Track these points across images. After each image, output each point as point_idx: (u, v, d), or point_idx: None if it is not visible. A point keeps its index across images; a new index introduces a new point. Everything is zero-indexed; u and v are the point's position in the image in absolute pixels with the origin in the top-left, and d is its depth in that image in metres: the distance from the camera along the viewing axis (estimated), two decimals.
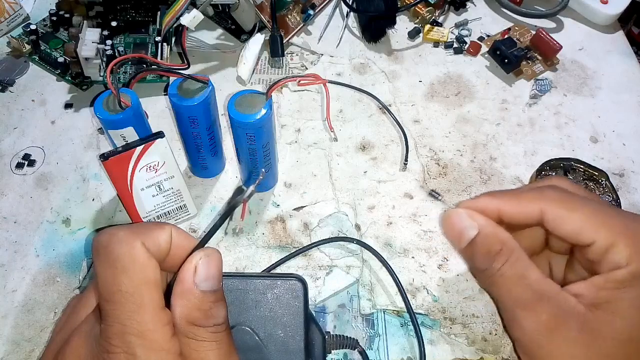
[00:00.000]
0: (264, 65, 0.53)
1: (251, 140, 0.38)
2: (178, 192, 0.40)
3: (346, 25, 0.57)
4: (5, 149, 0.47)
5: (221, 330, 0.25)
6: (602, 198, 0.42)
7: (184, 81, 0.38)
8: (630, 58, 0.54)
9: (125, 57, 0.44)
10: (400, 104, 0.50)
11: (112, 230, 0.25)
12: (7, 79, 0.52)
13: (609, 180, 0.43)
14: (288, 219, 0.43)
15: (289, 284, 0.34)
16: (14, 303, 0.39)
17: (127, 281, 0.23)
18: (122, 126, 0.37)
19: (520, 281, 0.29)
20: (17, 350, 0.37)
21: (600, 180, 0.43)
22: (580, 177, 0.43)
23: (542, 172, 0.44)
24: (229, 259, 0.41)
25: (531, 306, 0.29)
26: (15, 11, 0.55)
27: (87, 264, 0.41)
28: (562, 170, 0.44)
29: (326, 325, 0.38)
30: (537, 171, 0.44)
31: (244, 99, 0.37)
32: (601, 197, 0.42)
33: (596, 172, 0.43)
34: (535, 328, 0.29)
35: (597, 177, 0.43)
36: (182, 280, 0.24)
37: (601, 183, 0.43)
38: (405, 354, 0.37)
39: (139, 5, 0.54)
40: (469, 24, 0.56)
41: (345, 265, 0.41)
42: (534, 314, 0.29)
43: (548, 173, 0.44)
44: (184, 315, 0.24)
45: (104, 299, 0.24)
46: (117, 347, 0.23)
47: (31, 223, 0.43)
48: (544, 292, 0.29)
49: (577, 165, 0.44)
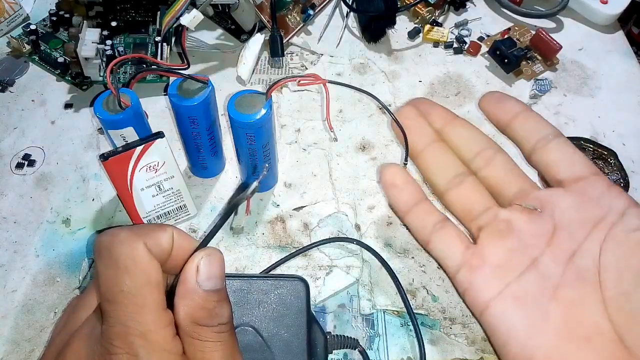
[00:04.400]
0: (264, 65, 0.53)
1: (251, 140, 0.38)
2: (178, 192, 0.40)
3: (346, 25, 0.57)
4: (5, 149, 0.47)
5: (226, 330, 0.25)
6: (610, 177, 0.44)
7: (184, 81, 0.38)
8: (630, 58, 0.54)
9: (125, 57, 0.44)
10: (400, 104, 0.50)
11: (114, 231, 0.25)
12: (7, 79, 0.52)
13: (617, 159, 0.44)
14: (288, 219, 0.43)
15: (291, 285, 0.34)
16: (13, 303, 0.39)
17: (129, 282, 0.23)
18: (122, 126, 0.37)
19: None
20: (17, 350, 0.37)
21: (609, 159, 0.44)
22: (590, 155, 0.45)
23: None
24: (229, 259, 0.41)
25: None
26: (15, 11, 0.55)
27: (87, 264, 0.41)
28: None
29: (326, 325, 0.38)
30: None
31: (244, 99, 0.37)
32: (609, 175, 0.44)
33: (605, 151, 0.45)
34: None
35: (606, 156, 0.45)
36: (185, 280, 0.24)
37: (610, 162, 0.44)
38: (405, 354, 0.37)
39: (139, 5, 0.54)
40: (469, 24, 0.56)
41: (345, 265, 0.41)
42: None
43: None
44: (188, 315, 0.24)
45: (105, 299, 0.24)
46: (119, 348, 0.23)
47: (31, 223, 0.43)
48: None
49: (586, 144, 0.45)
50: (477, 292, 0.33)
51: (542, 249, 0.32)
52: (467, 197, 0.36)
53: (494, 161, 0.36)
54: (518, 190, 0.34)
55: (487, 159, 0.36)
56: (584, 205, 0.32)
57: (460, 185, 0.36)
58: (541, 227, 0.33)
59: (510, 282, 0.32)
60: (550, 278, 0.31)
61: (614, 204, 0.31)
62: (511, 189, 0.35)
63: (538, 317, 0.30)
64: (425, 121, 0.38)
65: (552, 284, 0.31)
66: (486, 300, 0.32)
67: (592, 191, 0.32)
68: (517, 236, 0.33)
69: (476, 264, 0.33)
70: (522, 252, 0.32)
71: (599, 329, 0.29)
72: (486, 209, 0.35)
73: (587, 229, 0.31)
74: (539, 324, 0.30)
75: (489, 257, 0.33)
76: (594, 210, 0.31)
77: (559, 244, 0.32)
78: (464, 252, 0.34)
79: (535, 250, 0.32)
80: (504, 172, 0.35)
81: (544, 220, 0.33)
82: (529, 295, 0.31)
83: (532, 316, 0.31)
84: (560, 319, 0.30)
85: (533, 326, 0.30)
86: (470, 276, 0.33)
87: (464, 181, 0.36)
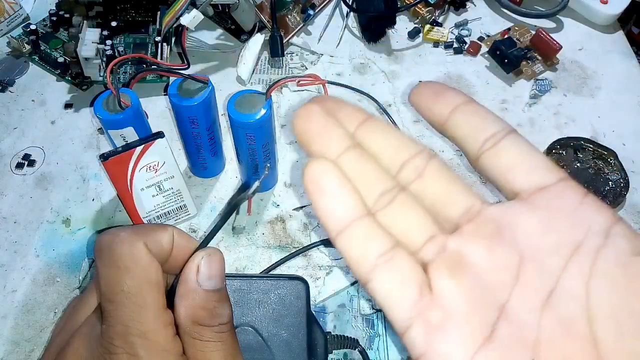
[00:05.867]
0: (264, 65, 0.53)
1: (251, 141, 0.38)
2: (178, 192, 0.40)
3: (346, 25, 0.57)
4: (5, 149, 0.47)
5: (226, 329, 0.25)
6: (610, 177, 0.43)
7: (184, 81, 0.38)
8: (630, 58, 0.54)
9: (125, 57, 0.44)
10: (400, 104, 0.50)
11: (114, 231, 0.25)
12: (7, 79, 0.52)
13: (617, 159, 0.44)
14: (288, 219, 0.43)
15: (291, 285, 0.34)
16: (14, 303, 0.39)
17: (130, 281, 0.23)
18: (122, 126, 0.37)
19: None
20: (17, 350, 0.37)
21: (609, 159, 0.44)
22: (590, 155, 0.45)
23: (552, 151, 0.45)
24: (229, 259, 0.41)
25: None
26: (15, 11, 0.55)
27: (87, 264, 0.41)
28: (572, 149, 0.45)
29: (326, 325, 0.38)
30: (548, 149, 0.45)
31: (244, 99, 0.37)
32: (609, 175, 0.44)
33: (605, 151, 0.45)
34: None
35: (606, 156, 0.45)
36: (185, 280, 0.24)
37: (610, 162, 0.44)
38: (405, 354, 0.37)
39: (139, 5, 0.54)
40: (469, 24, 0.56)
41: (345, 265, 0.41)
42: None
43: (559, 152, 0.45)
44: (189, 315, 0.24)
45: (106, 299, 0.24)
46: (119, 347, 0.23)
47: (31, 223, 0.43)
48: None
49: (586, 144, 0.45)
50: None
51: (509, 289, 0.23)
52: (402, 222, 0.25)
53: (428, 171, 0.26)
54: (465, 209, 0.25)
55: (417, 168, 0.26)
56: (554, 225, 0.24)
57: (390, 205, 0.25)
58: (503, 258, 0.24)
59: (481, 343, 0.22)
60: (527, 332, 0.23)
61: (594, 220, 0.24)
62: (455, 207, 0.26)
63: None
64: (335, 122, 0.27)
65: (531, 341, 0.23)
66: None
67: (561, 204, 0.24)
68: (476, 273, 0.24)
69: (436, 320, 0.23)
70: (485, 296, 0.23)
71: None
72: (429, 237, 0.25)
73: (564, 258, 0.23)
74: None
75: (450, 307, 0.23)
76: (569, 232, 0.23)
77: (530, 280, 0.23)
78: (417, 300, 0.23)
79: (502, 291, 0.23)
80: (443, 185, 0.26)
81: (505, 248, 0.24)
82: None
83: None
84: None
85: None
86: (427, 338, 0.23)
87: (395, 199, 0.25)
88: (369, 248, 0.24)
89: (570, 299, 0.23)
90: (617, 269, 0.22)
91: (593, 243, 0.23)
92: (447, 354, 0.23)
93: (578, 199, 0.24)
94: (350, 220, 0.24)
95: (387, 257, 0.24)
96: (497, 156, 0.26)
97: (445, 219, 0.26)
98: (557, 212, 0.24)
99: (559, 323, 0.22)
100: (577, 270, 0.23)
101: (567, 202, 0.24)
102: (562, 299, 0.23)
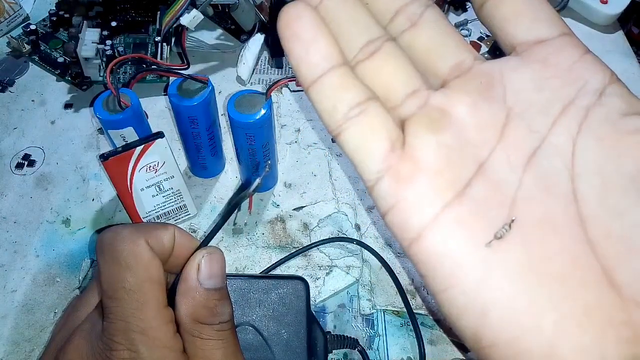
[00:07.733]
0: (264, 65, 0.53)
1: (251, 141, 0.38)
2: (178, 192, 0.40)
3: None
4: (5, 149, 0.47)
5: (227, 328, 0.25)
6: None
7: (184, 81, 0.38)
8: (630, 58, 0.54)
9: (125, 57, 0.44)
10: None
11: (116, 229, 0.25)
12: (7, 79, 0.52)
13: None
14: (288, 219, 0.43)
15: (291, 285, 0.34)
16: (13, 303, 0.39)
17: (131, 278, 0.23)
18: (122, 126, 0.37)
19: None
20: (17, 350, 0.37)
21: None
22: None
23: None
24: (229, 259, 0.41)
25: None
26: (15, 11, 0.55)
27: (87, 264, 0.41)
28: None
29: (326, 325, 0.38)
30: None
31: (244, 99, 0.37)
32: None
33: None
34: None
35: None
36: (186, 278, 0.24)
37: None
38: (405, 354, 0.37)
39: (139, 5, 0.54)
40: (469, 24, 0.56)
41: (345, 265, 0.41)
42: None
43: None
44: (190, 313, 0.24)
45: (107, 295, 0.24)
46: (120, 344, 0.23)
47: (31, 223, 0.43)
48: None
49: None
50: (406, 213, 0.22)
51: (491, 147, 0.22)
52: (384, 74, 0.24)
53: (423, 20, 0.24)
54: (455, 63, 0.24)
55: (412, 17, 0.25)
56: (547, 81, 0.22)
57: (373, 56, 0.23)
58: (489, 115, 0.23)
59: (452, 198, 0.22)
60: (506, 189, 0.22)
61: (590, 78, 0.23)
62: (446, 61, 0.24)
63: (492, 250, 0.21)
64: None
65: (509, 198, 0.21)
66: (419, 225, 0.22)
67: (559, 60, 0.23)
68: (458, 130, 0.22)
69: (405, 173, 0.22)
70: (464, 153, 0.22)
71: (576, 263, 0.20)
72: (412, 91, 0.23)
73: (553, 115, 0.22)
74: (493, 259, 0.21)
75: (422, 161, 0.22)
76: (562, 89, 0.22)
77: (514, 139, 0.22)
78: (388, 154, 0.22)
79: (483, 149, 0.22)
80: (436, 36, 0.24)
81: (492, 105, 0.23)
82: (479, 218, 0.21)
83: (484, 248, 0.21)
84: (522, 251, 0.21)
85: (485, 263, 0.21)
86: (396, 190, 0.22)
87: (379, 50, 0.23)
88: (341, 99, 0.22)
89: (555, 155, 0.21)
90: (607, 126, 0.21)
91: (585, 101, 0.22)
92: (415, 204, 0.21)
93: (577, 56, 0.23)
94: (324, 70, 0.22)
95: (359, 109, 0.22)
96: (500, 3, 0.24)
97: (435, 75, 0.24)
98: (552, 67, 0.23)
99: (541, 179, 0.21)
100: (565, 127, 0.21)
101: (565, 58, 0.23)
102: (546, 155, 0.22)
